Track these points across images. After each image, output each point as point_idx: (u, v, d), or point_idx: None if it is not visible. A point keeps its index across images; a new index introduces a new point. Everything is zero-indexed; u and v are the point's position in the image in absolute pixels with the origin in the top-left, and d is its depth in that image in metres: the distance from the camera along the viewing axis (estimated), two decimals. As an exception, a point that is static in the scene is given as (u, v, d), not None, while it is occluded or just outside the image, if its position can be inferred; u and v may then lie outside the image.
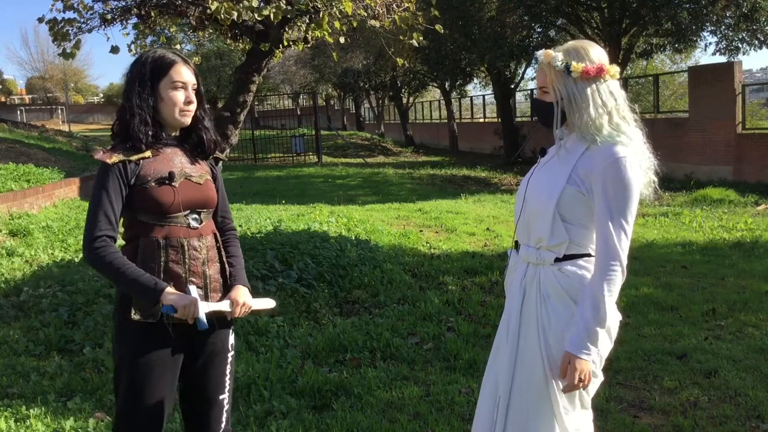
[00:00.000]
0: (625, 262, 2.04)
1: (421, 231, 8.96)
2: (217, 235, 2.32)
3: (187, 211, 2.19)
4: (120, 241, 2.16)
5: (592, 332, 2.02)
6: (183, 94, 2.19)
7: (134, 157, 2.14)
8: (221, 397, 2.30)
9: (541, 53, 2.16)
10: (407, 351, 4.38)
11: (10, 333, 4.62)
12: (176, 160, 2.22)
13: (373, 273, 5.99)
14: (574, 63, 2.08)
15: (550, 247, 2.12)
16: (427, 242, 7.99)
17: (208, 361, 2.27)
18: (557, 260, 2.13)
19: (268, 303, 2.38)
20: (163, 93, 2.17)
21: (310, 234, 6.82)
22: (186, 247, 2.17)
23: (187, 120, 2.23)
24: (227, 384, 2.32)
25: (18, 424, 3.37)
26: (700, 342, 4.53)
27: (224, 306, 2.21)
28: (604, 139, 2.07)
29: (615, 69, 2.14)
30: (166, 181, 2.16)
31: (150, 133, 2.15)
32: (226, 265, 2.31)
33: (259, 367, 3.94)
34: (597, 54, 2.12)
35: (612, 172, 2.03)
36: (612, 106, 2.10)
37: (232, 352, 2.34)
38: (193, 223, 2.21)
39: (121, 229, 2.20)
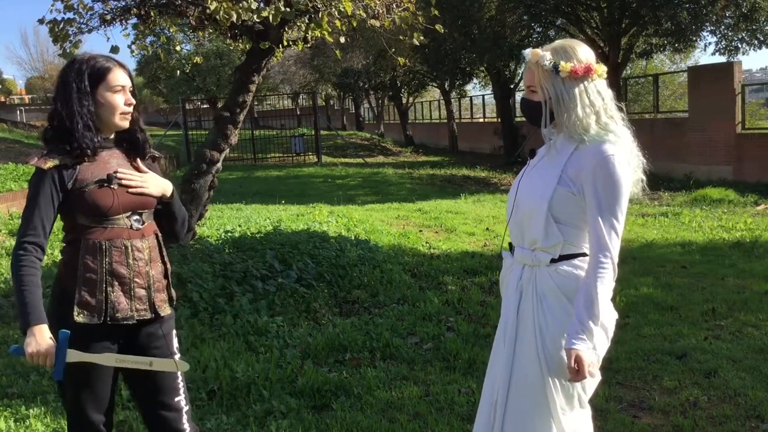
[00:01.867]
0: (616, 258, 2.05)
1: (420, 231, 8.96)
2: (159, 235, 2.32)
3: (128, 213, 2.20)
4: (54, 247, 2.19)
5: (586, 327, 2.02)
6: (122, 97, 2.21)
7: (70, 162, 2.15)
8: (176, 399, 2.32)
9: (528, 52, 2.15)
10: (407, 351, 4.38)
11: (10, 333, 4.62)
12: (113, 163, 2.23)
13: (372, 273, 5.99)
14: (562, 63, 2.08)
15: (544, 248, 2.13)
16: (426, 242, 7.99)
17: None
18: (553, 261, 2.13)
19: (171, 365, 2.25)
20: (101, 98, 2.18)
21: (309, 234, 6.83)
22: (130, 249, 2.19)
23: (127, 123, 2.25)
24: (180, 387, 2.33)
25: (18, 424, 3.37)
26: (700, 342, 4.53)
27: (102, 359, 2.15)
28: (591, 138, 2.08)
29: (602, 68, 2.14)
30: (105, 184, 2.17)
31: (95, 138, 2.17)
32: (168, 266, 2.33)
33: (258, 367, 3.94)
34: (584, 53, 2.12)
35: (601, 170, 2.03)
36: (600, 106, 2.11)
37: (178, 355, 2.36)
38: (135, 225, 2.22)
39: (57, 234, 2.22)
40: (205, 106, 36.52)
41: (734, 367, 4.07)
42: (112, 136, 2.28)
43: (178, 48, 6.14)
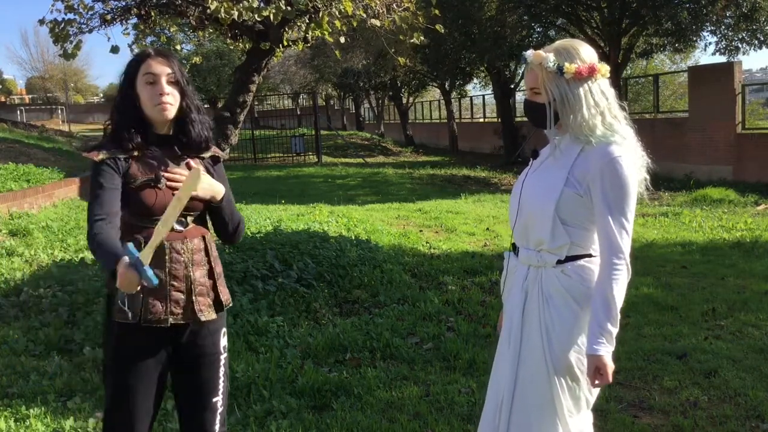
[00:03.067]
0: (628, 259, 2.05)
1: (420, 231, 8.96)
2: (207, 237, 2.24)
3: None
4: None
5: (606, 331, 2.02)
6: (154, 87, 2.13)
7: (122, 156, 2.12)
8: (214, 399, 2.27)
9: (530, 54, 2.13)
10: (407, 351, 4.38)
11: (10, 333, 4.62)
12: (164, 160, 2.17)
13: (373, 273, 5.99)
14: (566, 64, 2.07)
15: (551, 249, 2.12)
16: (426, 242, 7.99)
17: (199, 363, 2.24)
18: (559, 262, 2.12)
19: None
20: (139, 91, 2.14)
21: (310, 234, 6.82)
22: (167, 250, 2.12)
23: (168, 113, 2.15)
24: (221, 387, 2.29)
25: (18, 424, 3.37)
26: (700, 342, 4.53)
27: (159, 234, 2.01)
28: (598, 139, 2.07)
29: (605, 68, 2.13)
30: (152, 183, 2.12)
31: (134, 132, 2.12)
32: (216, 269, 2.26)
33: (259, 367, 3.94)
34: (587, 53, 2.11)
35: (609, 171, 2.03)
36: (604, 106, 2.10)
37: (225, 354, 2.30)
38: (177, 227, 2.14)
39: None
40: (205, 106, 36.54)
41: (734, 367, 4.07)
42: (168, 131, 2.20)
43: (178, 48, 6.14)
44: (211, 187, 2.19)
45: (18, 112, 44.52)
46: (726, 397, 3.68)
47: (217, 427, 2.29)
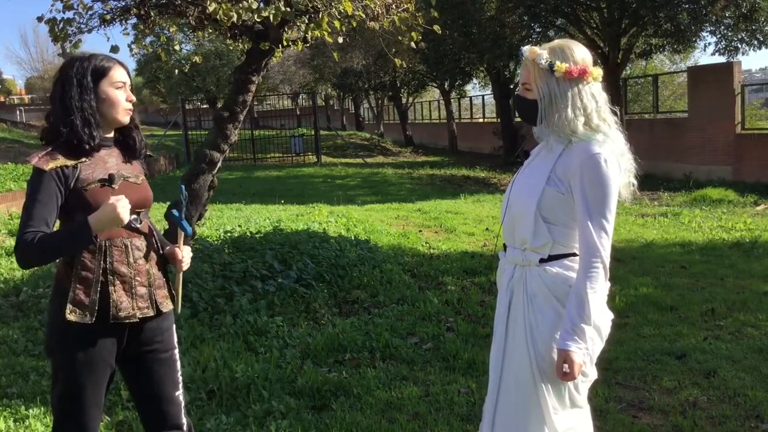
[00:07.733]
0: (607, 259, 2.06)
1: (420, 231, 8.96)
2: (154, 231, 2.34)
3: None
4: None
5: (578, 328, 2.04)
6: (124, 93, 2.22)
7: (71, 162, 2.12)
8: (177, 393, 2.35)
9: (526, 50, 2.15)
10: (406, 351, 4.38)
11: (9, 333, 4.62)
12: (111, 162, 2.23)
13: (372, 273, 5.99)
14: (558, 62, 2.09)
15: (534, 248, 2.14)
16: (426, 242, 7.99)
17: (156, 361, 2.30)
18: (542, 261, 2.14)
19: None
20: (104, 94, 2.18)
21: (309, 234, 6.83)
22: (129, 247, 2.20)
23: (128, 119, 2.26)
24: (179, 380, 2.37)
25: (17, 424, 3.37)
26: (699, 342, 4.53)
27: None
28: (578, 138, 2.09)
29: (598, 72, 2.15)
30: (106, 184, 2.16)
31: (95, 134, 2.15)
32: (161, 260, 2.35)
33: (258, 367, 3.94)
34: (581, 55, 2.13)
35: (588, 169, 2.04)
36: (592, 109, 2.11)
37: (177, 348, 2.39)
38: (134, 224, 2.22)
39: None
40: (204, 106, 36.52)
41: (734, 367, 4.07)
42: (111, 135, 2.28)
43: (177, 48, 6.14)
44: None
45: (17, 112, 44.43)
46: (725, 397, 3.68)
47: (183, 419, 2.36)
